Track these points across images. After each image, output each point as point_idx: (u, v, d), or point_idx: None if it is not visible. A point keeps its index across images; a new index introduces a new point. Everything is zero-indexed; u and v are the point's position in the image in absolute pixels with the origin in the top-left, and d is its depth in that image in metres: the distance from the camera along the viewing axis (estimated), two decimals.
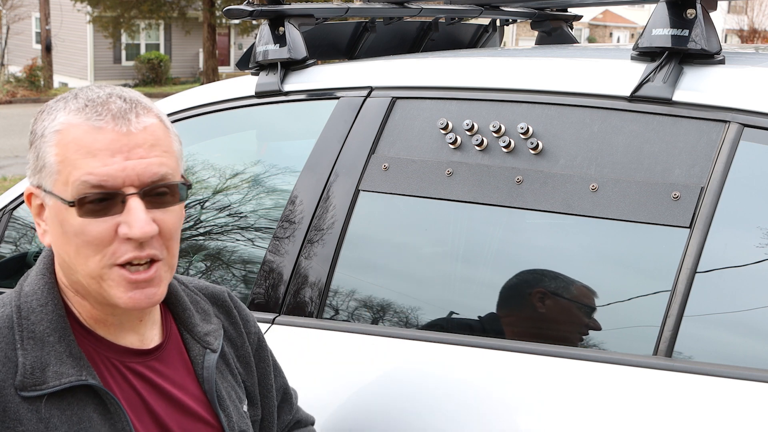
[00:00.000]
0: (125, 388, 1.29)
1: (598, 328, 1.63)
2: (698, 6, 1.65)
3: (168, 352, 1.37)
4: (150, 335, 1.35)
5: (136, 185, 1.23)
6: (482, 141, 1.77)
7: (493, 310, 1.76)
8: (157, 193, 1.25)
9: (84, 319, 1.30)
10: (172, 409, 1.33)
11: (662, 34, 1.66)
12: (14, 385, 1.20)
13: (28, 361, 1.22)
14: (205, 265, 2.23)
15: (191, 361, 1.39)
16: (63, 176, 1.23)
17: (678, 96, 1.62)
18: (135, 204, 1.22)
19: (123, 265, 1.24)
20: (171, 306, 1.40)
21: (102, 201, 1.22)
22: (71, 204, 1.22)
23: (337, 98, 2.04)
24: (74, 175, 1.22)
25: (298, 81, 2.15)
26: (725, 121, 1.57)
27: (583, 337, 1.65)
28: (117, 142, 1.22)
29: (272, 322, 1.90)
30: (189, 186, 1.31)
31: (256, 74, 2.21)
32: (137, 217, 1.22)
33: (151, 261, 1.26)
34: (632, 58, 1.74)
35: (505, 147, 1.74)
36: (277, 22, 2.16)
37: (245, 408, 1.45)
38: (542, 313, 1.70)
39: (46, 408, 1.20)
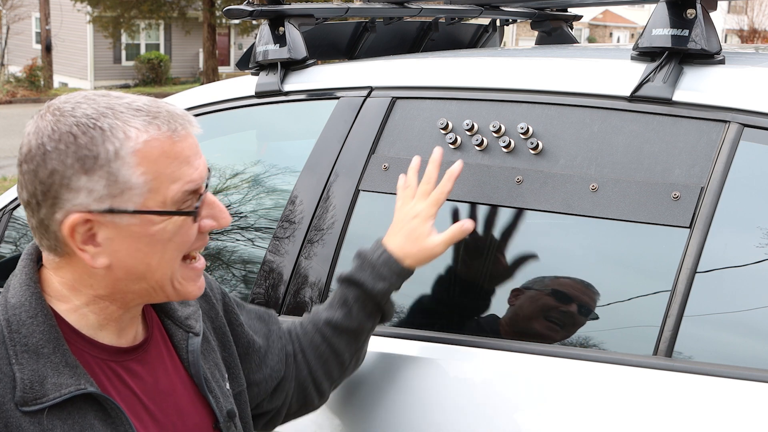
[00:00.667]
0: (122, 390, 1.29)
1: (596, 328, 1.63)
2: (698, 6, 1.64)
3: (155, 343, 1.38)
4: (138, 330, 1.37)
5: (202, 181, 1.29)
6: (482, 141, 1.77)
7: (493, 310, 1.76)
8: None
9: (82, 326, 1.29)
10: (166, 402, 1.34)
11: (662, 34, 1.66)
12: (14, 400, 1.19)
13: (26, 376, 1.20)
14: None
15: (175, 347, 1.40)
16: (159, 191, 1.23)
17: (678, 96, 1.62)
18: (213, 197, 1.31)
19: (187, 260, 1.31)
20: None
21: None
22: (185, 214, 1.25)
23: (337, 98, 2.04)
24: (175, 187, 1.24)
25: (298, 81, 2.15)
26: (725, 121, 1.57)
27: (583, 336, 1.64)
28: (194, 145, 1.27)
29: None
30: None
31: (256, 74, 2.21)
32: (221, 208, 1.31)
33: None
34: (632, 58, 1.74)
35: (505, 147, 1.74)
36: (277, 22, 2.16)
37: (228, 386, 1.47)
38: (541, 312, 1.70)
39: (48, 420, 1.20)
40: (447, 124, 1.82)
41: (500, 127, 1.76)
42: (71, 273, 1.27)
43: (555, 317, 1.69)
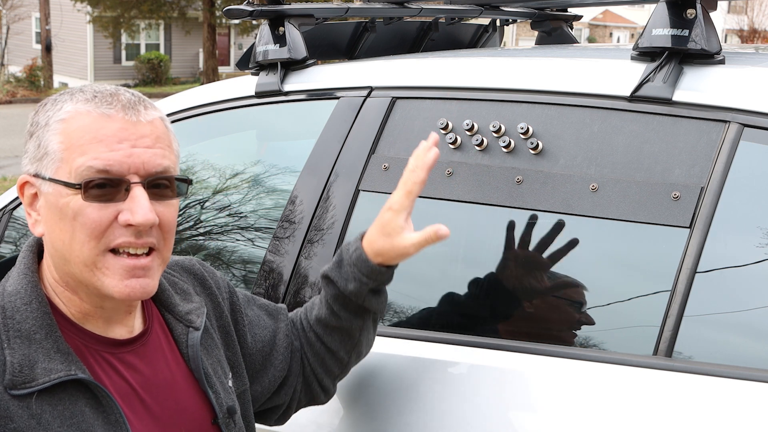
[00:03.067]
0: (116, 380, 1.30)
1: (596, 328, 1.63)
2: (698, 6, 1.65)
3: (153, 337, 1.38)
4: (135, 324, 1.37)
5: (141, 174, 1.25)
6: (482, 141, 1.77)
7: (493, 310, 1.76)
8: (158, 185, 1.27)
9: (72, 314, 1.30)
10: (163, 395, 1.34)
11: (662, 34, 1.66)
12: (3, 384, 1.20)
13: (16, 360, 1.22)
14: None
15: (175, 341, 1.40)
16: (68, 162, 1.24)
17: (678, 96, 1.62)
18: (139, 192, 1.25)
19: (118, 253, 1.26)
20: None
21: (106, 187, 1.24)
22: (77, 187, 1.23)
23: (337, 98, 2.04)
24: (79, 161, 1.23)
25: (298, 81, 2.15)
26: (725, 121, 1.57)
27: (583, 336, 1.64)
28: (125, 130, 1.25)
29: None
30: (189, 182, 1.33)
31: (256, 74, 2.21)
32: (141, 205, 1.24)
33: (149, 251, 1.29)
34: (632, 58, 1.74)
35: (505, 147, 1.74)
36: (277, 22, 2.16)
37: (230, 383, 1.46)
38: (542, 312, 1.70)
39: (37, 404, 1.21)
40: (447, 124, 1.82)
41: (500, 127, 1.76)
42: (46, 255, 1.32)
43: (555, 317, 1.69)
